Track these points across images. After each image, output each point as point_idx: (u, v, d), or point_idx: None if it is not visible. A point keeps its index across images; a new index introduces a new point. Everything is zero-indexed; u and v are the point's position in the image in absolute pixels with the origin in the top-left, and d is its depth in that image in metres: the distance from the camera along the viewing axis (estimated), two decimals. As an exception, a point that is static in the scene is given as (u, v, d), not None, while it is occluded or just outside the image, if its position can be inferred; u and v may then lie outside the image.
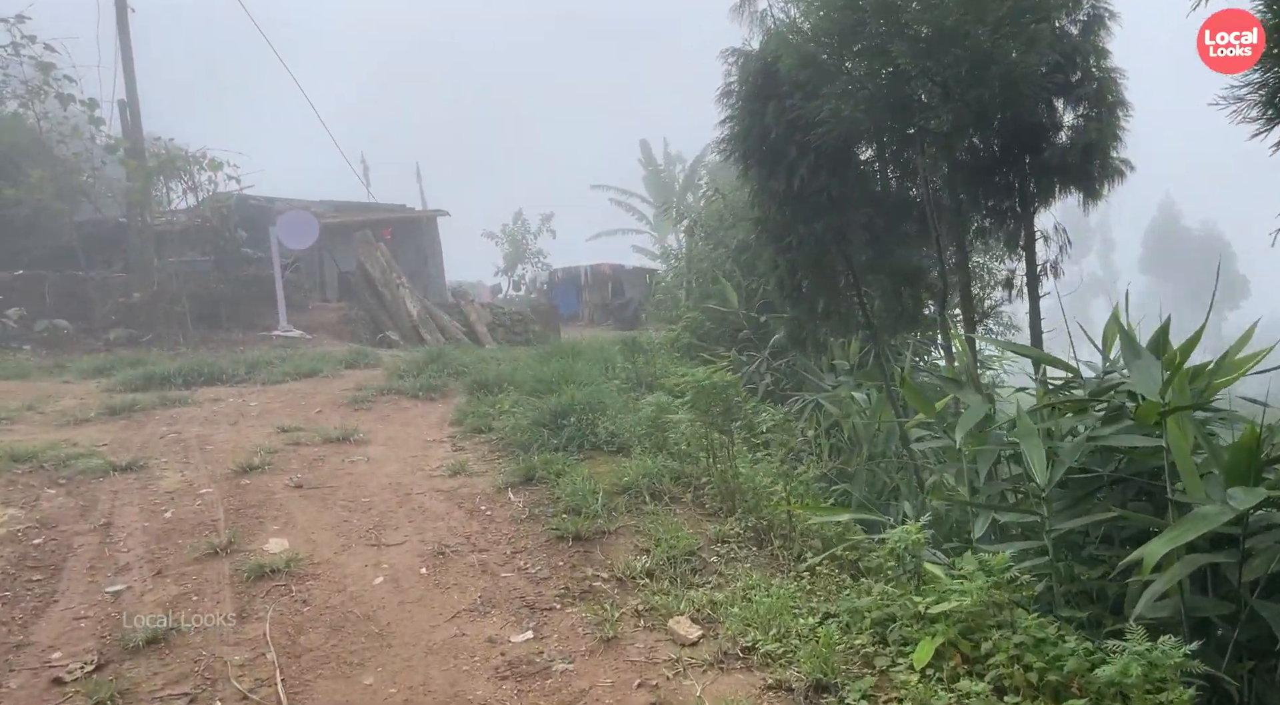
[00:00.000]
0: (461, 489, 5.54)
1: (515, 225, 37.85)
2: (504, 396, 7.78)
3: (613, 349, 10.62)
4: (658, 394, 6.56)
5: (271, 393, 8.79)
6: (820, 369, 8.59)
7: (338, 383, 9.32)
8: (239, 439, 6.90)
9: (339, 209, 23.21)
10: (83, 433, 7.17)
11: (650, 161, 44.90)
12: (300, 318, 15.33)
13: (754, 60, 6.20)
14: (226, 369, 9.71)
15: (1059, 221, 6.76)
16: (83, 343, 12.86)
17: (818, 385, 8.27)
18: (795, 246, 6.27)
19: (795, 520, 4.62)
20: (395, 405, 8.27)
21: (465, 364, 9.79)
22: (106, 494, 5.57)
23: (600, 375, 8.15)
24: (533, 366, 8.67)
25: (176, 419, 7.66)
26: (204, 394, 8.81)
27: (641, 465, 5.35)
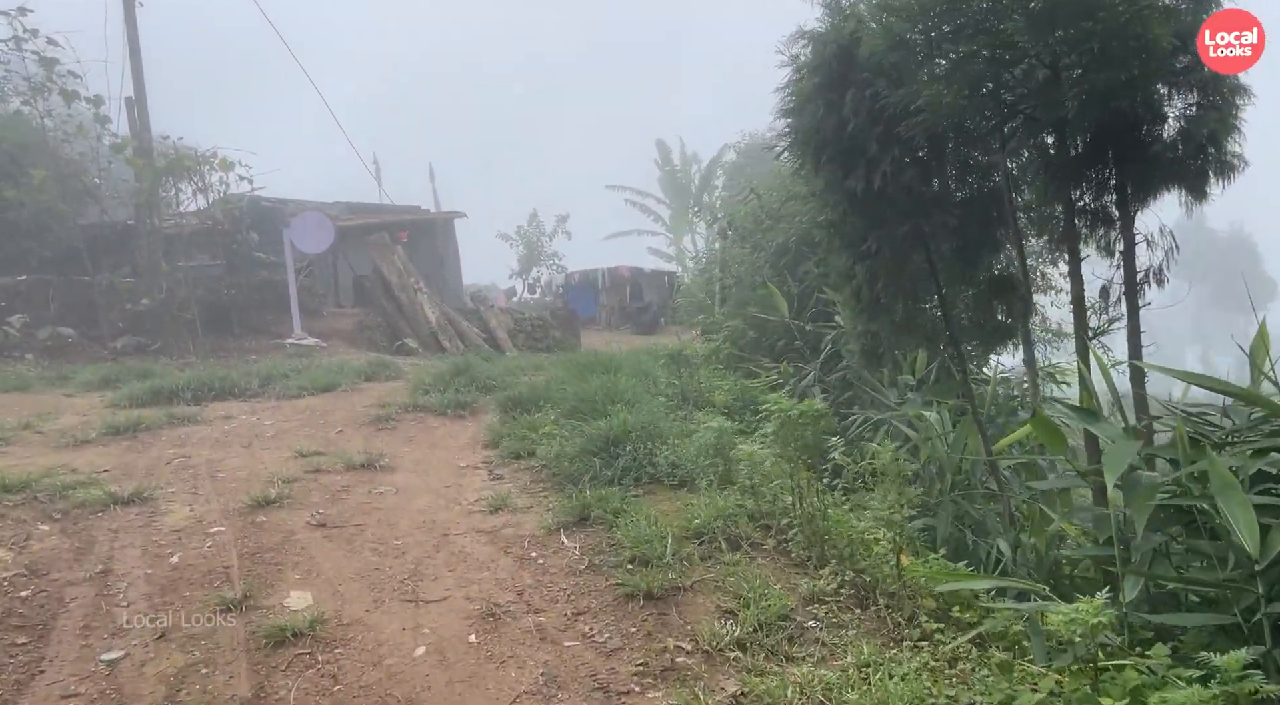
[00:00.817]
0: (506, 529, 4.88)
1: (530, 226, 37.24)
2: (541, 416, 7.12)
3: (648, 359, 9.97)
4: (718, 418, 5.90)
5: (287, 410, 8.16)
6: (881, 383, 7.91)
7: (358, 398, 8.69)
8: (253, 465, 6.27)
9: (353, 210, 22.63)
10: (83, 456, 6.55)
11: (667, 162, 44.29)
12: (314, 324, 14.72)
13: (829, 44, 5.51)
14: (239, 382, 9.09)
15: (1164, 223, 6.08)
16: (88, 351, 12.28)
17: (881, 402, 7.58)
18: (874, 252, 5.59)
19: (903, 575, 3.94)
20: (422, 424, 7.63)
21: (494, 377, 9.15)
22: (105, 533, 4.94)
23: (645, 391, 7.49)
24: (570, 382, 8.01)
25: (185, 440, 7.04)
26: (215, 411, 8.19)
27: (712, 504, 4.69)
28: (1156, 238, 5.95)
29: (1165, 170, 5.59)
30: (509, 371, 10.35)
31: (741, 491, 4.89)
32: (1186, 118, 5.56)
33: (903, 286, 5.77)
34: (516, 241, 37.78)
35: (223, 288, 13.75)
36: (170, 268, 12.65)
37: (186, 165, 13.03)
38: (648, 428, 5.65)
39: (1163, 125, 5.65)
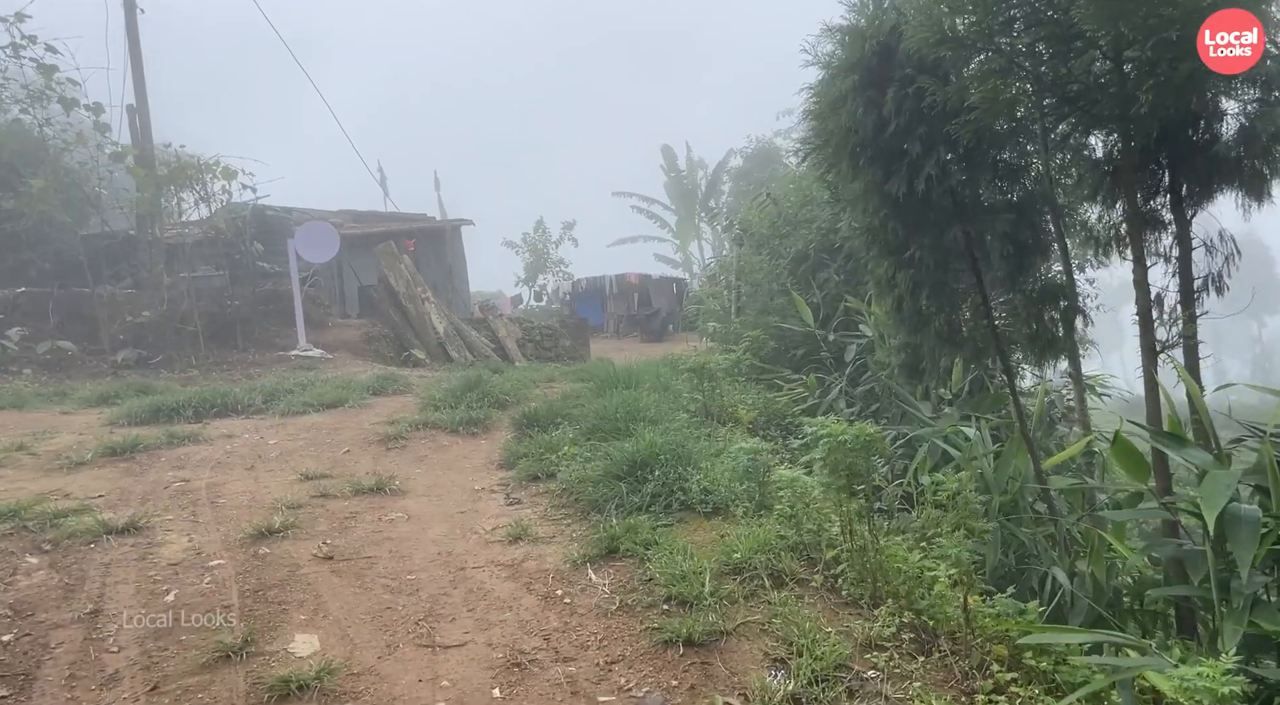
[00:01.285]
0: (528, 562, 4.52)
1: (536, 234, 36.91)
2: (559, 434, 6.77)
3: (666, 371, 9.61)
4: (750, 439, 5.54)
5: (292, 427, 7.82)
6: (913, 396, 7.55)
7: (365, 414, 8.34)
8: (256, 489, 5.92)
9: (359, 219, 22.35)
10: (77, 480, 6.21)
11: (672, 168, 44.03)
12: (320, 335, 14.39)
13: (868, 39, 5.17)
14: (242, 398, 8.75)
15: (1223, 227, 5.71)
16: (88, 365, 11.96)
17: (915, 416, 7.22)
18: (917, 260, 5.23)
19: (971, 618, 3.58)
20: (433, 442, 7.28)
21: (507, 391, 8.79)
22: (97, 567, 4.59)
23: (666, 406, 7.13)
24: (587, 397, 7.67)
25: (185, 461, 6.70)
26: (217, 428, 7.84)
27: (751, 535, 4.32)
28: (1216, 243, 5.60)
29: (1224, 171, 5.24)
30: (521, 384, 10.00)
31: (781, 520, 4.53)
32: (1248, 115, 5.21)
33: (947, 296, 5.41)
34: (522, 249, 37.46)
35: (226, 299, 13.44)
36: (172, 279, 12.34)
37: (189, 174, 12.72)
38: (676, 450, 5.28)
39: (1221, 122, 5.30)
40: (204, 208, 13.15)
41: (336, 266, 18.58)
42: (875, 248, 5.58)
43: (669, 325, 28.63)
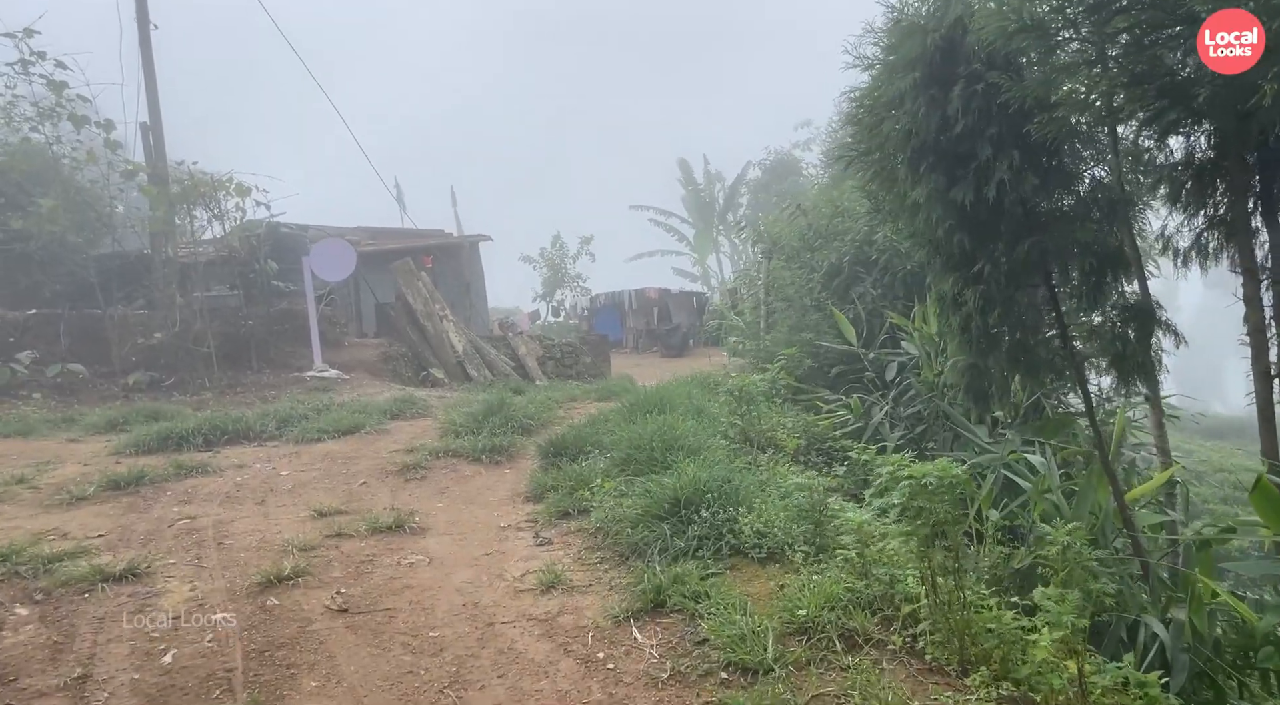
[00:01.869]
0: (563, 616, 4.05)
1: (554, 248, 36.53)
2: (589, 464, 6.31)
3: (698, 392, 9.15)
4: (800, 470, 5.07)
5: (306, 456, 7.40)
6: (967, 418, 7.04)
7: (383, 441, 7.91)
8: (266, 528, 5.49)
9: (376, 235, 22.06)
10: (77, 517, 5.81)
11: (690, 181, 43.67)
12: (336, 355, 14.02)
13: (930, 33, 4.71)
14: (254, 425, 8.34)
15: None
16: (99, 389, 11.62)
17: (971, 441, 6.72)
18: (987, 275, 4.75)
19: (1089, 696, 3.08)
20: (454, 473, 6.83)
21: (531, 416, 8.33)
22: (91, 621, 4.17)
23: (704, 432, 6.66)
24: (617, 422, 7.22)
25: (192, 495, 6.28)
26: (227, 458, 7.44)
27: (815, 587, 3.84)
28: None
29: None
30: (545, 406, 9.56)
31: (847, 568, 4.04)
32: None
33: (1017, 314, 4.92)
34: (540, 264, 37.10)
35: (240, 319, 13.08)
36: (185, 299, 11.99)
37: (202, 191, 12.39)
38: (723, 486, 4.80)
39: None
40: (218, 226, 12.84)
41: (353, 284, 18.27)
42: (938, 261, 5.11)
43: (689, 340, 28.16)
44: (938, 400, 7.56)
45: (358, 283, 18.40)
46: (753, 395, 7.09)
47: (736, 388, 7.02)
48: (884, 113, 5.32)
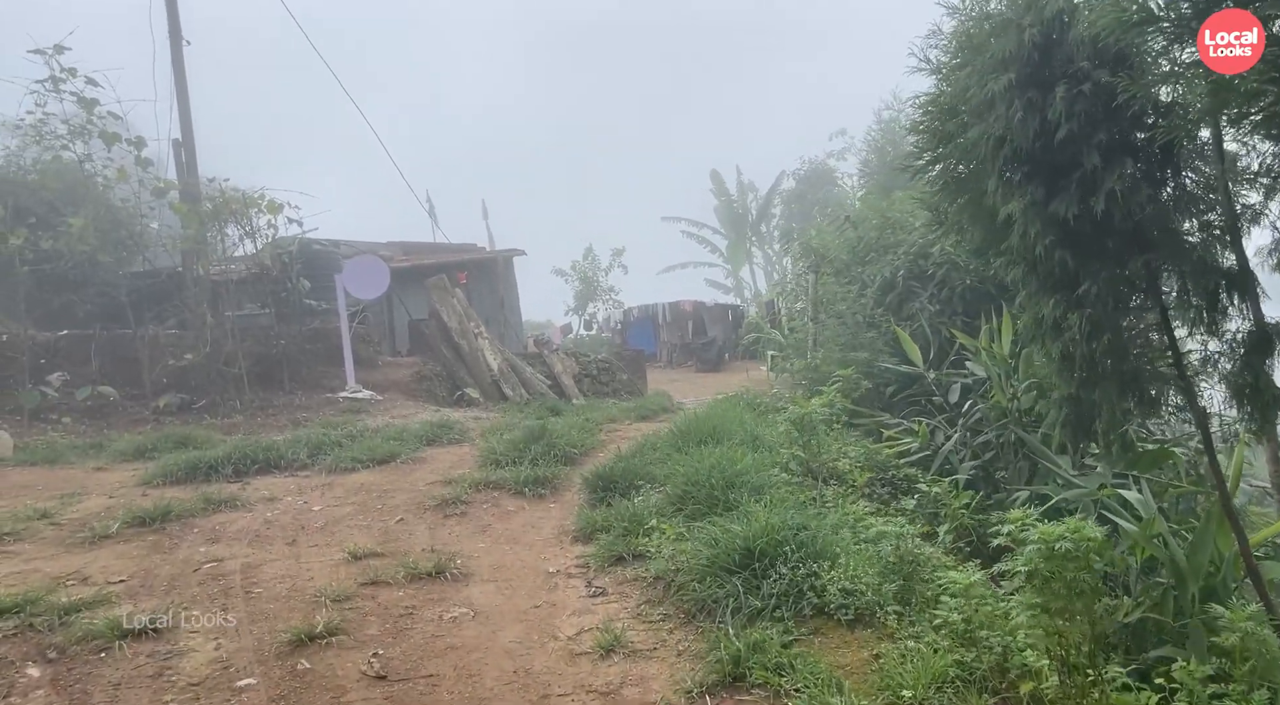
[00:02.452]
0: (627, 688, 3.59)
1: (586, 261, 36.24)
2: (641, 500, 5.86)
3: (749, 415, 8.68)
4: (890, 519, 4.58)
5: (339, 488, 7.02)
6: (1047, 446, 6.50)
7: (419, 471, 7.52)
8: (297, 573, 5.10)
9: (409, 251, 21.84)
10: (99, 559, 5.46)
11: (722, 192, 43.21)
12: (369, 375, 13.71)
13: (1026, 29, 4.23)
14: (285, 453, 7.99)
15: None
16: (129, 412, 11.37)
17: (1055, 473, 6.18)
18: (1094, 298, 4.25)
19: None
20: (496, 507, 6.41)
21: (574, 442, 7.90)
22: (106, 686, 3.79)
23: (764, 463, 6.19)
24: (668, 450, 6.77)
25: (220, 533, 5.92)
26: (257, 489, 7.09)
27: (918, 659, 3.35)
28: None
29: None
30: (585, 429, 9.14)
31: (947, 632, 3.55)
32: None
33: (1126, 341, 4.41)
34: (572, 277, 36.82)
35: (272, 338, 12.80)
36: (216, 319, 11.73)
37: (233, 208, 12.15)
38: (798, 533, 4.31)
39: None
40: (249, 243, 12.60)
41: (386, 301, 18.00)
42: (1034, 281, 4.61)
43: (725, 354, 27.68)
44: (1012, 426, 7.03)
45: (391, 300, 18.14)
46: (814, 423, 6.60)
47: (797, 416, 6.54)
48: (962, 119, 4.84)
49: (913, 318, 10.07)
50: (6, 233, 10.50)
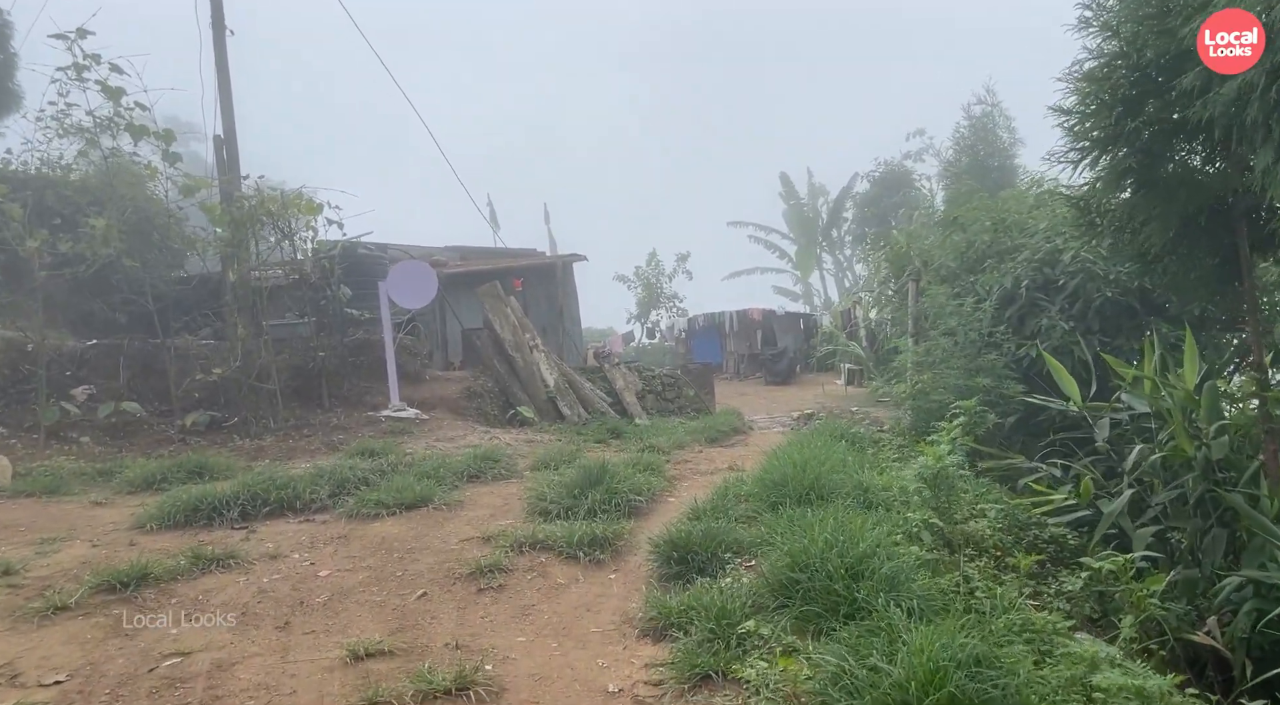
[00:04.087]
0: None
1: (649, 267, 35.00)
2: (730, 583, 4.50)
3: (851, 454, 7.25)
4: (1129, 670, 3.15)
5: (356, 543, 5.80)
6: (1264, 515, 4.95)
7: (454, 522, 6.27)
8: (279, 680, 3.87)
9: (465, 255, 20.84)
10: (44, 643, 4.32)
11: (791, 195, 41.60)
12: (415, 391, 12.60)
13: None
14: (303, 491, 6.84)
15: None
16: (154, 430, 10.43)
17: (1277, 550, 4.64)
18: None
19: None
20: (542, 577, 5.11)
21: (638, 489, 6.56)
22: None
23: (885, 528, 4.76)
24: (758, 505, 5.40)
25: (200, 607, 4.73)
26: (262, 540, 5.93)
27: None
28: None
29: None
30: (651, 467, 7.83)
31: None
32: None
33: None
34: (634, 283, 35.62)
35: (310, 351, 11.75)
36: (249, 330, 10.71)
37: (270, 208, 11.14)
38: (978, 676, 2.90)
39: None
40: (287, 246, 11.55)
41: (439, 308, 16.95)
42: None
43: (796, 366, 26.09)
44: (1201, 481, 5.47)
45: (444, 307, 17.08)
46: (951, 481, 5.16)
47: (930, 472, 5.10)
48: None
49: (1039, 336, 8.52)
50: (24, 234, 9.62)
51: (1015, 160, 22.19)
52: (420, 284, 12.02)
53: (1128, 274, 8.15)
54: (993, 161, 21.80)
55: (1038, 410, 7.89)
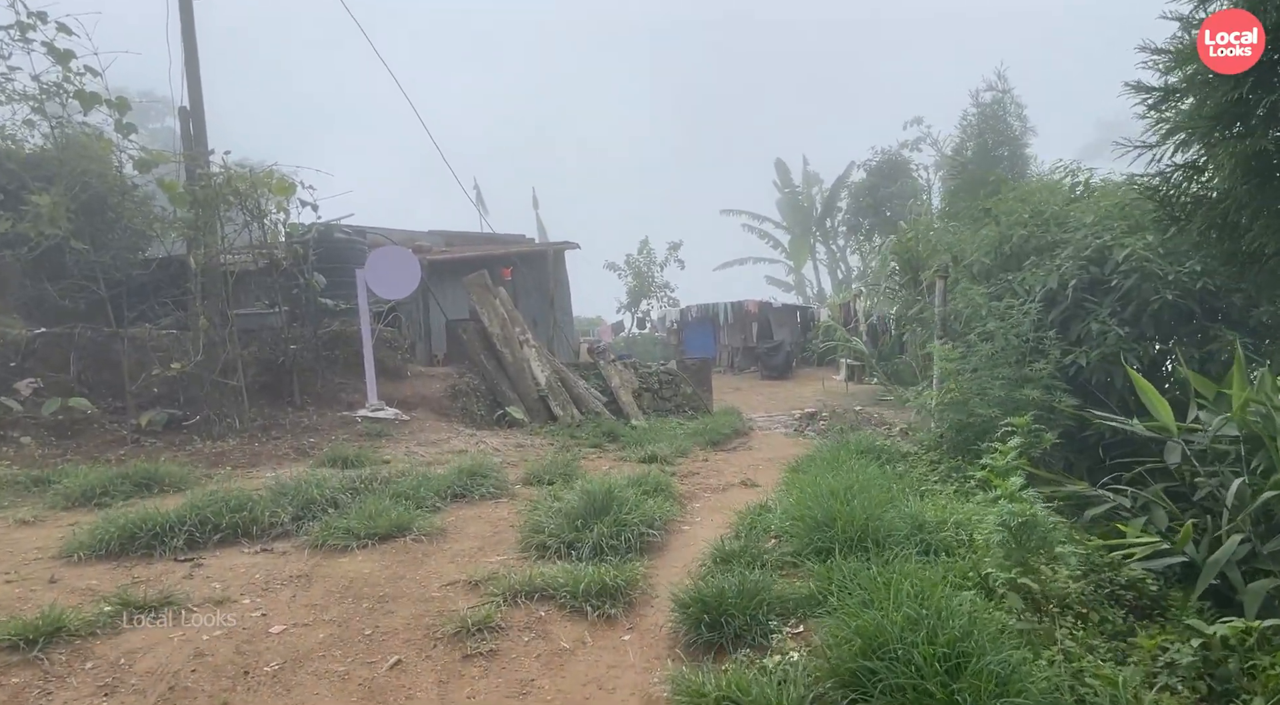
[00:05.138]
0: None
1: (640, 255, 34.03)
2: (776, 661, 3.62)
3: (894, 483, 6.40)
4: None
5: (319, 587, 4.88)
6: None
7: (435, 557, 5.35)
8: (201, 801, 2.98)
9: (451, 240, 19.82)
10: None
11: (786, 183, 40.69)
12: (396, 389, 11.64)
13: None
14: (261, 514, 5.91)
15: None
16: (105, 430, 9.44)
17: None
18: None
19: None
20: (542, 640, 4.22)
21: (649, 518, 5.66)
22: None
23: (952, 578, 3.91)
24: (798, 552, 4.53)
25: (117, 680, 3.83)
26: (207, 578, 5.00)
27: None
28: None
29: None
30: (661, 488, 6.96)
31: None
32: None
33: None
34: (625, 272, 34.63)
35: (280, 344, 10.77)
36: (210, 321, 9.73)
37: (238, 187, 10.14)
38: None
39: None
40: (256, 229, 10.55)
41: (422, 297, 15.96)
42: None
43: (792, 360, 25.27)
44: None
45: (427, 297, 16.08)
46: (1042, 528, 4.30)
47: (1015, 520, 4.23)
48: None
49: (1087, 341, 7.68)
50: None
51: (1026, 149, 21.34)
52: (402, 272, 11.05)
53: (1189, 275, 7.32)
54: (1002, 150, 20.93)
55: (1083, 425, 7.08)
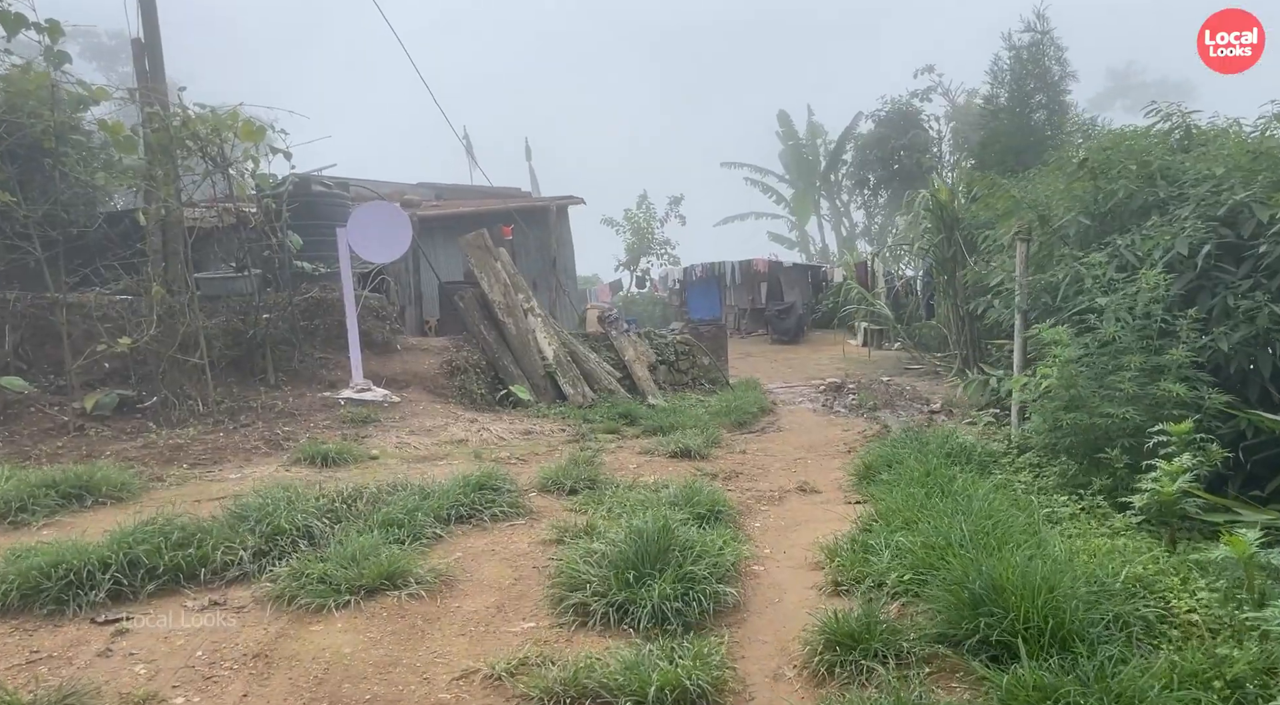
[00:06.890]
0: None
1: (639, 210, 32.45)
2: None
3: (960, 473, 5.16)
4: None
5: (281, 675, 3.55)
6: None
7: (439, 627, 3.99)
8: None
9: (442, 194, 18.25)
10: None
11: (790, 135, 38.97)
12: (384, 365, 10.26)
13: None
14: (213, 549, 4.57)
15: None
16: (44, 414, 8.06)
17: None
18: None
19: None
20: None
21: (718, 564, 4.33)
22: None
23: None
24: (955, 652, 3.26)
25: None
26: (130, 655, 3.69)
27: None
28: None
29: None
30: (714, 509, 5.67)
31: None
32: None
33: None
34: (624, 228, 33.07)
35: (251, 313, 9.36)
36: (164, 287, 8.31)
37: (198, 130, 8.65)
38: None
39: None
40: (221, 181, 9.09)
41: (412, 257, 14.50)
42: None
43: (804, 323, 23.95)
44: None
45: (417, 256, 14.60)
46: None
47: None
48: None
49: (1221, 320, 6.39)
50: None
51: (1065, 96, 19.79)
52: (390, 231, 9.61)
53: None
54: (1038, 98, 19.39)
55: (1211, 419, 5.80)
